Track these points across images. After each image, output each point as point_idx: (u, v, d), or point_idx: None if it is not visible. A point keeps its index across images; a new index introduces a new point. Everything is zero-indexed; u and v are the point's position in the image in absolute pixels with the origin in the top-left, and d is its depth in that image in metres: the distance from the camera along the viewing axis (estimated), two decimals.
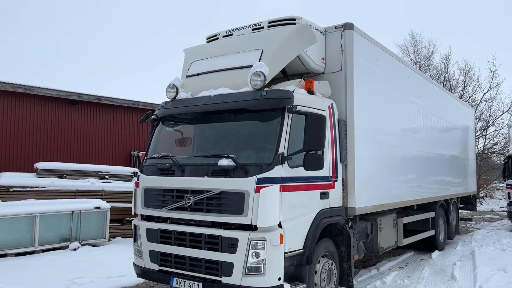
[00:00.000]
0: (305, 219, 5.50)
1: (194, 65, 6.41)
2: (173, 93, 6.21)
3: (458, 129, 12.88)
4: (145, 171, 6.14)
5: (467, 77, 28.79)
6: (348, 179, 6.40)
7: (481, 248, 10.55)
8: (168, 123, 6.37)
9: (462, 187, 13.09)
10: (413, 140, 8.98)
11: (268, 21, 6.33)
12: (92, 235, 10.76)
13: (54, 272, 8.02)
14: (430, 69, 30.47)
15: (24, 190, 10.69)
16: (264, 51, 5.71)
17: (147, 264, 5.90)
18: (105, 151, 15.20)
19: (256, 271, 4.94)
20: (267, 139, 5.37)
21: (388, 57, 7.90)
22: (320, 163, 5.39)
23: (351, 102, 6.49)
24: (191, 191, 5.45)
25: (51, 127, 13.87)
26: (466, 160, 13.70)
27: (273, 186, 4.99)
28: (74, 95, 14.14)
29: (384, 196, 7.55)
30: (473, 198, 14.62)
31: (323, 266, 5.81)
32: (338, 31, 6.65)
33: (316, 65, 6.49)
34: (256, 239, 4.93)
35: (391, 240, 8.10)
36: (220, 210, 5.22)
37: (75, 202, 10.64)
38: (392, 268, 8.63)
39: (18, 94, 13.08)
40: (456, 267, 8.63)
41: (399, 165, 8.23)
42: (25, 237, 9.72)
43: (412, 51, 31.24)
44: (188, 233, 5.44)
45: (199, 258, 5.31)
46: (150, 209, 5.92)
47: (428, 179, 9.80)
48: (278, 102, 5.28)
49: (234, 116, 5.70)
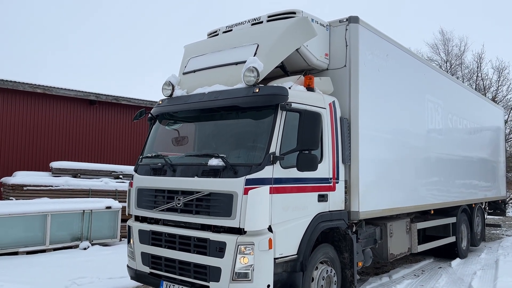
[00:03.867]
0: (300, 223, 5.18)
1: (192, 62, 6.23)
2: (169, 90, 6.05)
3: (485, 130, 12.15)
4: (139, 171, 5.99)
5: (501, 76, 27.58)
6: (351, 181, 6.03)
7: (506, 257, 9.87)
8: (164, 121, 6.21)
9: (491, 192, 12.36)
10: (430, 140, 8.46)
11: (268, 15, 6.05)
12: (103, 234, 10.75)
13: (59, 271, 8.01)
14: (462, 68, 29.35)
15: (38, 189, 10.83)
16: (260, 46, 5.45)
17: (139, 267, 5.74)
18: (122, 151, 15.27)
19: (244, 277, 4.68)
20: (258, 138, 5.10)
21: (400, 53, 7.44)
22: (314, 164, 5.06)
23: (355, 99, 6.12)
24: (181, 192, 5.25)
25: (69, 127, 14.04)
26: (496, 163, 12.96)
27: (262, 187, 4.71)
28: (92, 95, 14.27)
29: (394, 200, 7.11)
30: (502, 203, 13.83)
31: (321, 273, 5.47)
32: (343, 25, 6.30)
33: (319, 61, 6.17)
34: (244, 243, 4.67)
35: (403, 247, 7.64)
36: (209, 212, 5.00)
37: (87, 202, 10.66)
38: (406, 276, 8.15)
39: (37, 95, 13.30)
40: (476, 276, 8.07)
41: (413, 167, 7.75)
42: (37, 236, 9.78)
43: (442, 50, 30.11)
44: (178, 236, 5.24)
45: (188, 262, 5.10)
46: (143, 210, 5.77)
47: (448, 182, 9.24)
48: (270, 99, 5.01)
49: (228, 113, 5.48)
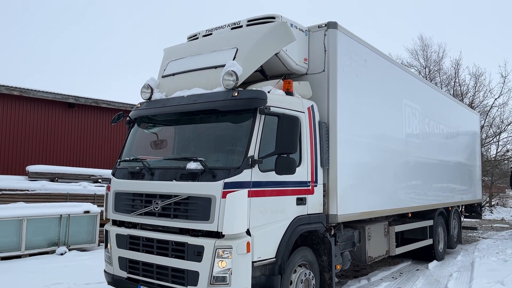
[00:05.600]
0: (278, 226, 5.19)
1: (171, 65, 6.20)
2: (147, 93, 6.02)
3: (462, 134, 12.39)
4: (117, 174, 5.93)
5: (478, 82, 28.08)
6: (330, 184, 6.08)
7: (482, 259, 10.08)
8: (143, 124, 6.17)
9: (467, 195, 12.61)
10: (407, 145, 8.60)
11: (247, 19, 6.09)
12: (81, 239, 10.58)
13: (34, 277, 7.85)
14: (440, 74, 29.83)
15: (13, 193, 10.59)
16: (239, 50, 5.47)
17: (116, 271, 5.67)
18: (102, 155, 15.08)
19: (222, 281, 4.67)
20: (237, 141, 5.11)
21: (378, 58, 7.56)
22: (293, 167, 5.09)
23: (334, 104, 6.19)
24: (160, 196, 5.21)
25: (47, 131, 13.79)
26: (473, 167, 13.22)
27: (241, 191, 4.72)
28: (70, 98, 14.06)
29: (373, 203, 7.20)
30: (478, 206, 14.11)
31: (300, 276, 5.49)
32: (321, 30, 6.37)
33: (298, 66, 6.22)
34: (222, 247, 4.66)
35: (381, 249, 7.73)
36: (187, 216, 4.97)
37: (64, 206, 10.47)
38: (384, 279, 8.24)
39: (13, 97, 13.05)
40: (452, 278, 8.21)
41: (391, 171, 7.86)
42: (12, 241, 9.56)
43: (421, 55, 30.53)
44: (156, 240, 5.20)
45: (166, 266, 5.06)
46: (120, 214, 5.71)
47: (425, 186, 9.39)
48: (249, 103, 5.03)
49: (206, 117, 5.49)
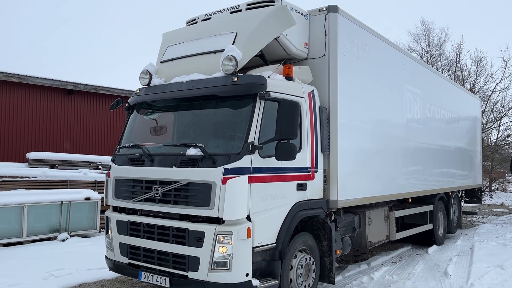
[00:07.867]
0: (279, 212, 5.19)
1: (169, 50, 6.13)
2: (146, 79, 5.96)
3: (463, 119, 12.34)
4: (117, 161, 5.91)
5: (479, 67, 27.95)
6: (330, 170, 6.06)
7: (482, 243, 10.13)
8: (142, 110, 6.13)
9: (468, 180, 12.61)
10: (408, 130, 8.56)
11: (247, 3, 5.99)
12: (82, 226, 10.62)
13: (36, 263, 7.89)
14: (441, 58, 29.67)
15: (14, 180, 10.60)
16: (238, 34, 5.40)
17: (117, 257, 5.69)
18: (101, 141, 15.06)
19: (223, 267, 4.69)
20: (237, 127, 5.08)
21: (379, 43, 7.47)
22: (293, 153, 5.07)
23: (334, 89, 6.13)
24: (160, 182, 5.20)
25: (47, 117, 13.75)
26: (473, 152, 13.20)
27: (241, 177, 4.70)
28: (70, 85, 13.98)
29: (373, 189, 7.19)
30: (478, 191, 14.13)
31: (300, 261, 5.51)
32: (322, 14, 6.28)
33: (298, 50, 6.14)
34: (223, 233, 4.66)
35: (381, 234, 7.75)
36: (188, 202, 4.97)
37: (65, 193, 10.49)
38: (384, 263, 8.29)
39: (12, 84, 12.96)
40: (451, 262, 8.25)
41: (391, 156, 7.84)
42: (14, 228, 9.59)
43: (423, 40, 30.34)
44: (156, 226, 5.21)
45: (166, 252, 5.08)
46: (120, 200, 5.70)
47: (426, 171, 9.38)
48: (249, 88, 4.97)
49: (206, 103, 5.44)
